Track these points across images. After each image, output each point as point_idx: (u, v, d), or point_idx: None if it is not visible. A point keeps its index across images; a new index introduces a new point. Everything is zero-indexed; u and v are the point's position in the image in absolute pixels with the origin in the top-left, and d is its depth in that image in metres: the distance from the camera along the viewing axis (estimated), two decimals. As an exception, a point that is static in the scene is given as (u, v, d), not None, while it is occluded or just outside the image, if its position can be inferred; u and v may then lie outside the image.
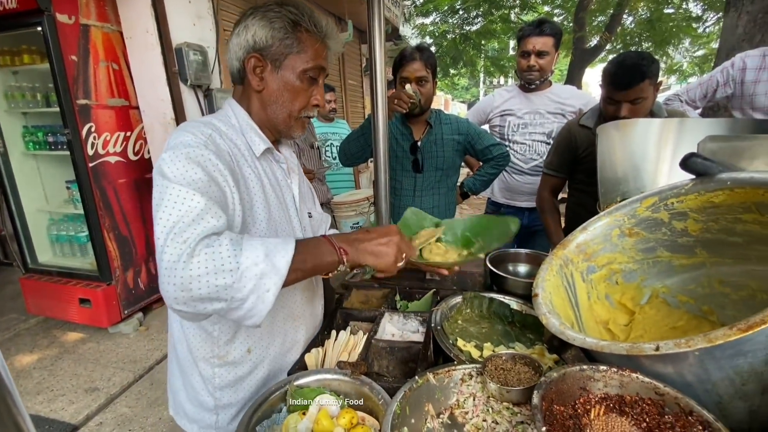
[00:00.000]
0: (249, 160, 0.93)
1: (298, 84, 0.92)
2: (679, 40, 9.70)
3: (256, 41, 0.89)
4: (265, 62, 0.90)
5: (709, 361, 0.56)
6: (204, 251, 0.65)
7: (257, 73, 0.91)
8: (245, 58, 0.90)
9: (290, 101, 0.94)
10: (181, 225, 0.68)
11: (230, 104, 0.98)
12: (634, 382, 0.62)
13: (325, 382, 0.87)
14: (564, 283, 0.93)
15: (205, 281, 0.65)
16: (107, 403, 2.48)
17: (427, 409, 0.79)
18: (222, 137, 0.88)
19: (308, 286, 1.09)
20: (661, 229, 0.92)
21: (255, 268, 0.67)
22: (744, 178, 0.75)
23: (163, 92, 2.94)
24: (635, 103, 1.49)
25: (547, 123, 2.22)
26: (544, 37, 2.04)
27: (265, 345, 0.99)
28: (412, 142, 1.88)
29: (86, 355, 2.95)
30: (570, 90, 2.30)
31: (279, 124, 0.97)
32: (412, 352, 0.97)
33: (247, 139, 0.95)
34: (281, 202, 0.99)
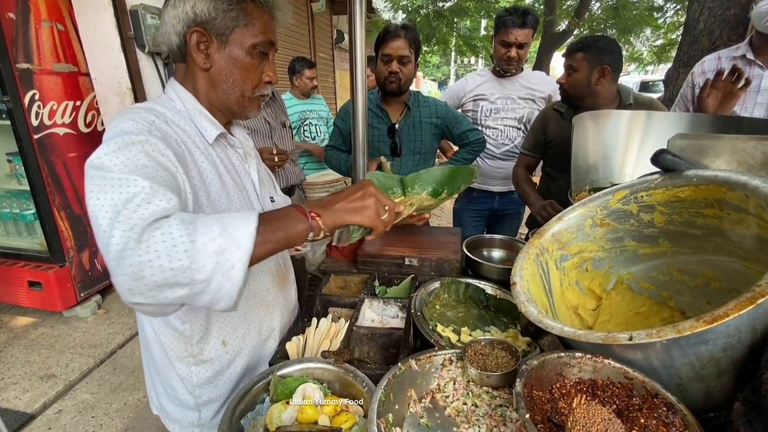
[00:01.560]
0: (201, 147, 0.86)
1: (248, 60, 0.85)
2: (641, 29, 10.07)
3: (197, 14, 0.80)
4: (209, 37, 0.82)
5: (675, 349, 0.61)
6: (153, 234, 0.58)
7: (201, 49, 0.83)
8: (186, 33, 0.81)
9: (242, 80, 0.86)
10: (126, 211, 0.59)
11: (173, 87, 0.89)
12: (606, 367, 0.66)
13: (308, 371, 0.87)
14: (540, 272, 0.97)
15: (158, 265, 0.56)
16: (66, 390, 2.37)
17: (410, 395, 0.81)
18: (168, 123, 0.81)
19: (278, 272, 1.06)
20: (629, 220, 0.97)
21: (212, 244, 0.59)
22: (708, 175, 0.80)
23: (117, 59, 2.69)
24: (568, 71, 1.66)
25: (518, 108, 2.26)
26: (526, 29, 2.06)
27: (240, 336, 0.96)
28: (390, 124, 1.86)
29: (39, 340, 2.78)
30: (540, 76, 2.35)
31: (232, 105, 0.89)
32: (393, 338, 0.99)
33: (197, 125, 0.88)
34: (240, 188, 0.94)
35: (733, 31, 2.35)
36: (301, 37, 6.13)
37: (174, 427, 0.98)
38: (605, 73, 1.58)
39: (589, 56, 1.58)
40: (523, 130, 2.29)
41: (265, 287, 1.01)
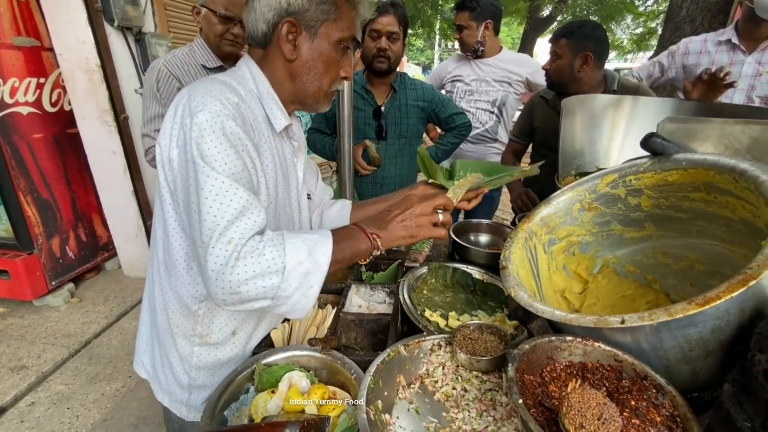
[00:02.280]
0: (265, 135, 0.85)
1: (332, 55, 0.85)
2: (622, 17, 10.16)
3: (290, 4, 0.80)
4: (299, 28, 0.81)
5: (665, 331, 0.61)
6: (250, 254, 0.66)
7: (291, 40, 0.82)
8: (278, 22, 0.80)
9: (323, 73, 0.86)
10: (225, 223, 0.66)
11: (248, 65, 0.87)
12: (596, 350, 0.66)
13: (295, 359, 0.84)
14: (528, 255, 0.96)
15: (254, 284, 0.66)
16: (39, 381, 2.28)
17: (399, 380, 0.80)
18: (246, 105, 0.80)
19: None
20: (617, 204, 0.97)
21: (300, 267, 0.68)
22: (698, 159, 0.80)
23: (83, 33, 2.53)
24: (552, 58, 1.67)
25: (492, 91, 2.24)
26: (462, 12, 2.11)
27: (251, 327, 0.93)
28: (375, 107, 1.80)
29: (8, 331, 2.66)
30: (519, 57, 2.32)
31: (307, 97, 0.88)
32: (381, 324, 0.98)
33: (266, 110, 0.86)
34: (286, 182, 0.93)
35: (715, 18, 2.38)
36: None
37: (163, 397, 0.94)
38: (588, 60, 1.57)
39: (572, 43, 1.57)
40: (496, 114, 2.28)
41: None
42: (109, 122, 2.76)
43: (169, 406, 0.93)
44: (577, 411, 0.48)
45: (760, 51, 1.82)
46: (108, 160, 2.88)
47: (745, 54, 1.86)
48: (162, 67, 1.61)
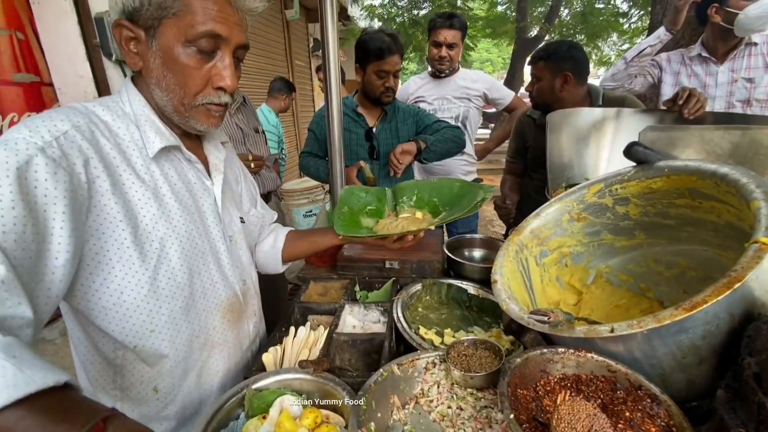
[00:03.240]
0: (139, 164, 0.72)
1: (184, 59, 0.68)
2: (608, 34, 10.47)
3: (124, 4, 0.66)
4: (137, 31, 0.67)
5: (656, 338, 0.60)
6: None
7: (131, 47, 0.69)
8: (113, 27, 0.68)
9: (177, 84, 0.70)
10: None
11: (126, 85, 0.76)
12: (589, 361, 0.65)
13: (286, 383, 0.83)
14: (520, 268, 0.96)
15: None
16: (32, 417, 2.22)
17: (393, 401, 0.78)
18: (93, 134, 0.66)
19: (230, 307, 0.90)
20: (605, 213, 0.98)
21: None
22: (679, 165, 0.81)
23: (82, 68, 2.60)
24: (533, 80, 1.72)
25: (454, 108, 2.34)
26: (453, 31, 2.16)
27: (176, 381, 0.81)
28: (367, 128, 1.84)
29: None
30: (475, 74, 2.43)
31: (172, 113, 0.75)
32: (375, 344, 0.96)
33: (142, 132, 0.73)
34: (191, 212, 0.80)
35: (695, 32, 2.45)
36: (276, 45, 6.09)
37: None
38: (568, 80, 1.61)
39: (550, 65, 1.62)
40: (461, 127, 2.34)
41: (212, 326, 0.86)
42: (106, 153, 2.80)
43: None
44: (567, 423, 0.47)
45: (730, 60, 1.90)
46: (105, 190, 2.90)
47: (717, 65, 1.93)
48: None
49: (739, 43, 1.86)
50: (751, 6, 1.72)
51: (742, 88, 1.90)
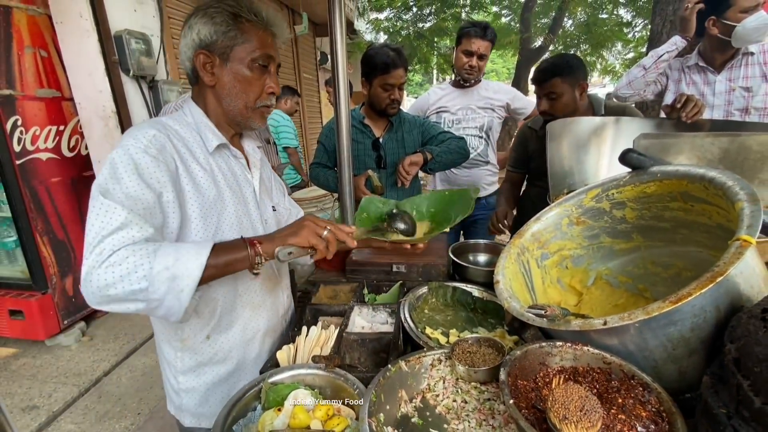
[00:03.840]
0: (201, 158, 0.95)
1: (248, 74, 0.94)
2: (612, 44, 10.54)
3: (201, 39, 0.91)
4: (213, 57, 0.92)
5: (647, 331, 0.64)
6: (117, 262, 0.72)
7: (207, 69, 0.93)
8: (194, 56, 0.92)
9: (243, 92, 0.95)
10: (99, 237, 0.73)
11: (187, 104, 1.00)
12: (586, 354, 0.69)
13: (299, 378, 0.87)
14: (521, 270, 1.00)
15: (121, 287, 0.71)
16: (49, 421, 2.28)
17: (401, 395, 0.82)
18: (170, 136, 0.90)
19: (269, 276, 1.11)
20: (603, 217, 1.02)
21: (166, 272, 0.73)
22: (671, 170, 0.85)
23: (101, 83, 2.72)
24: (550, 98, 1.66)
25: (478, 117, 2.36)
26: (486, 41, 2.19)
27: (224, 331, 1.01)
28: (374, 138, 1.90)
29: (20, 371, 2.69)
30: (497, 86, 2.45)
31: (237, 116, 0.98)
32: (383, 343, 1.00)
33: (202, 136, 0.97)
34: (238, 196, 1.01)
35: (695, 42, 2.49)
36: (285, 59, 6.25)
37: (170, 406, 1.06)
38: (585, 88, 1.66)
39: (568, 78, 1.62)
40: (485, 138, 2.38)
41: (252, 289, 1.05)
42: (122, 164, 2.90)
43: (174, 413, 1.04)
44: (561, 404, 0.51)
45: (728, 69, 1.93)
46: (121, 200, 2.99)
47: (714, 74, 1.96)
48: (174, 109, 1.74)
49: (736, 53, 1.90)
50: (749, 18, 1.77)
51: (740, 96, 1.93)
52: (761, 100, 1.89)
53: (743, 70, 1.91)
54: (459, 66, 2.26)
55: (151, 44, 2.93)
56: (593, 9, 9.70)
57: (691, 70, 2.02)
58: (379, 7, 10.03)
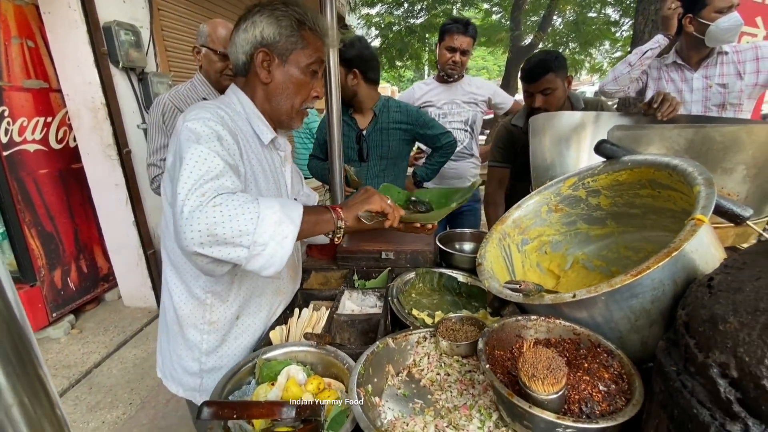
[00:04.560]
0: (253, 146, 1.00)
1: (302, 77, 0.99)
2: (600, 42, 10.70)
3: (264, 37, 0.95)
4: (272, 56, 0.97)
5: (612, 304, 0.70)
6: (224, 200, 0.73)
7: (265, 66, 0.97)
8: (253, 52, 0.96)
9: (294, 93, 1.00)
10: (201, 181, 0.75)
11: (235, 92, 1.03)
12: (558, 326, 0.75)
13: (292, 354, 0.92)
14: (503, 254, 1.06)
15: (230, 226, 0.72)
16: (39, 412, 2.29)
17: (388, 370, 0.87)
18: (232, 122, 0.94)
19: (293, 265, 1.19)
20: (580, 204, 1.08)
21: (273, 216, 0.76)
22: (640, 159, 0.91)
23: (90, 75, 2.70)
24: (545, 94, 1.72)
25: (463, 112, 2.44)
26: (468, 37, 2.25)
27: (253, 314, 1.07)
28: (358, 131, 1.94)
29: (8, 363, 2.68)
30: (480, 81, 2.54)
31: (282, 114, 1.02)
32: (372, 323, 1.05)
33: (254, 127, 1.01)
34: (277, 185, 1.07)
35: (675, 41, 2.58)
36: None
37: (177, 389, 1.07)
38: (570, 81, 1.75)
39: (560, 73, 1.70)
40: (469, 131, 2.46)
41: (282, 276, 1.12)
42: (112, 156, 2.89)
43: (184, 395, 1.06)
44: (531, 364, 0.56)
45: (704, 67, 2.02)
46: (110, 193, 2.99)
47: (692, 71, 2.04)
48: (167, 102, 1.75)
49: (711, 52, 1.98)
50: (722, 18, 1.85)
51: (717, 93, 2.02)
52: (736, 96, 1.98)
53: (718, 68, 1.99)
54: (443, 62, 2.33)
55: (140, 36, 2.92)
56: (582, 8, 9.82)
57: (668, 68, 2.10)
58: (370, 3, 10.02)
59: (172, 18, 3.51)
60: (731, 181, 0.97)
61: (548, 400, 0.55)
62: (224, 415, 0.64)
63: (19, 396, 0.31)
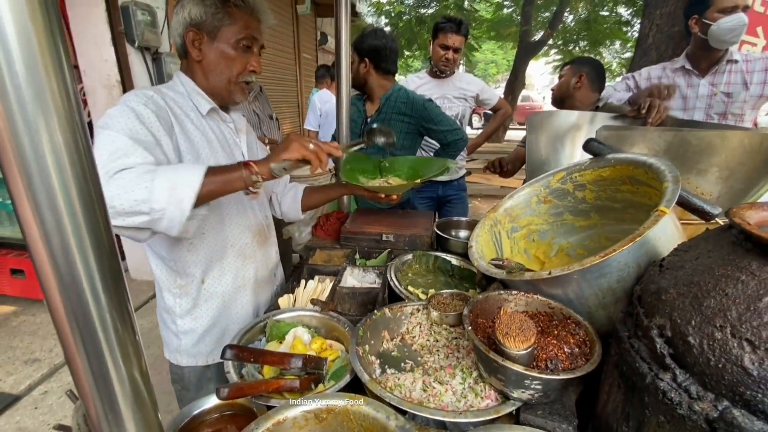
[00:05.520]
0: (194, 120, 1.07)
1: (232, 53, 1.05)
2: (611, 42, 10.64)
3: (192, 17, 1.02)
4: (201, 35, 1.03)
5: (583, 282, 0.80)
6: (120, 175, 0.80)
7: (195, 45, 1.04)
8: (184, 33, 1.03)
9: (227, 68, 1.06)
10: (105, 161, 0.82)
11: (177, 75, 1.12)
12: (535, 301, 0.85)
13: (299, 318, 1.02)
14: (493, 239, 1.16)
15: (125, 198, 0.79)
16: (51, 372, 2.42)
17: (384, 335, 0.98)
18: (164, 99, 1.01)
19: (259, 231, 1.25)
20: (567, 197, 1.18)
21: (166, 183, 0.82)
22: (622, 157, 1.00)
23: (107, 53, 2.78)
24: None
25: (454, 107, 2.55)
26: (460, 36, 2.35)
27: (217, 278, 1.15)
28: (364, 117, 2.03)
29: (21, 327, 2.81)
30: (469, 77, 2.67)
31: (221, 89, 1.09)
32: (371, 296, 1.16)
33: (194, 102, 1.09)
34: (229, 156, 1.14)
35: (678, 46, 2.64)
36: (286, 39, 6.26)
37: (166, 351, 1.20)
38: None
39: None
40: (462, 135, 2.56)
41: (244, 242, 1.19)
42: (125, 133, 2.99)
43: (169, 357, 1.18)
44: (505, 325, 0.66)
45: (711, 74, 2.01)
46: (122, 169, 3.09)
47: (699, 77, 2.04)
48: None
49: (721, 59, 1.97)
50: (724, 18, 1.83)
51: (720, 101, 2.00)
52: (739, 106, 1.99)
53: (726, 76, 1.99)
54: (436, 58, 2.43)
55: (156, 16, 2.98)
56: (594, 5, 9.74)
57: (676, 73, 2.09)
58: (382, -9, 9.98)
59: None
60: (705, 182, 1.06)
61: (519, 356, 0.66)
62: (243, 358, 0.75)
63: (114, 323, 0.41)
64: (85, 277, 0.38)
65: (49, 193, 0.35)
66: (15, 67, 0.31)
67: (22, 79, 0.32)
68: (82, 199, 0.37)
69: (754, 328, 0.45)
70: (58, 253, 0.37)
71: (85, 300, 0.39)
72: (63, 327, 0.39)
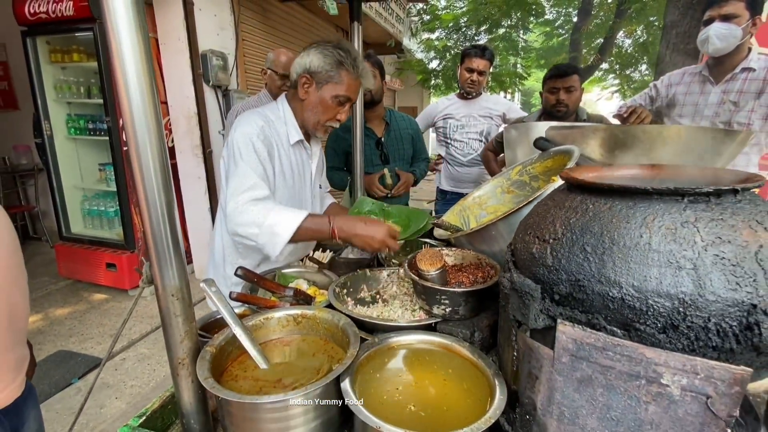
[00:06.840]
0: (284, 145, 1.37)
1: (329, 103, 1.32)
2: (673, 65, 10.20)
3: (310, 66, 1.29)
4: (312, 81, 1.31)
5: (499, 237, 1.04)
6: (246, 211, 1.17)
7: (305, 87, 1.32)
8: (300, 74, 1.32)
9: (321, 113, 1.34)
10: (240, 190, 1.19)
11: (282, 101, 1.42)
12: (469, 255, 1.10)
13: (301, 273, 1.35)
14: (461, 221, 1.41)
15: (243, 228, 1.19)
16: (129, 345, 2.97)
17: (362, 288, 1.27)
18: (269, 126, 1.32)
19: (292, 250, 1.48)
20: (525, 187, 1.40)
21: (270, 228, 1.17)
22: (555, 150, 1.23)
23: (188, 90, 3.48)
24: (569, 91, 2.10)
25: (479, 124, 2.79)
26: (485, 60, 2.61)
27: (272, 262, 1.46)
28: (377, 138, 2.34)
29: (110, 310, 3.45)
30: (496, 98, 2.94)
31: (309, 125, 1.39)
32: (363, 265, 1.45)
33: (287, 129, 1.39)
34: (302, 177, 1.48)
35: (692, 62, 2.71)
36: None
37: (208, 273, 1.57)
38: (582, 92, 2.11)
39: (581, 78, 2.11)
40: (484, 141, 2.79)
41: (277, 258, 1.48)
42: (198, 155, 3.64)
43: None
44: (423, 255, 0.93)
45: (725, 82, 2.03)
46: (194, 184, 3.73)
47: (713, 84, 2.07)
48: (240, 110, 2.35)
49: (737, 66, 1.98)
50: (714, 25, 1.91)
51: (728, 110, 2.02)
52: (746, 116, 1.98)
53: (739, 84, 1.99)
54: (462, 80, 2.70)
55: (227, 61, 3.68)
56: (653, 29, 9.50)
57: (694, 79, 2.13)
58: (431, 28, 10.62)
59: (252, 47, 4.31)
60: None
61: (431, 276, 0.92)
62: (248, 277, 1.08)
63: (180, 283, 0.76)
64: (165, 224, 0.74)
65: (152, 195, 0.68)
66: (133, 105, 0.65)
67: (137, 112, 0.65)
68: (165, 193, 0.70)
69: (542, 230, 0.69)
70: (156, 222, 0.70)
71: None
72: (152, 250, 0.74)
